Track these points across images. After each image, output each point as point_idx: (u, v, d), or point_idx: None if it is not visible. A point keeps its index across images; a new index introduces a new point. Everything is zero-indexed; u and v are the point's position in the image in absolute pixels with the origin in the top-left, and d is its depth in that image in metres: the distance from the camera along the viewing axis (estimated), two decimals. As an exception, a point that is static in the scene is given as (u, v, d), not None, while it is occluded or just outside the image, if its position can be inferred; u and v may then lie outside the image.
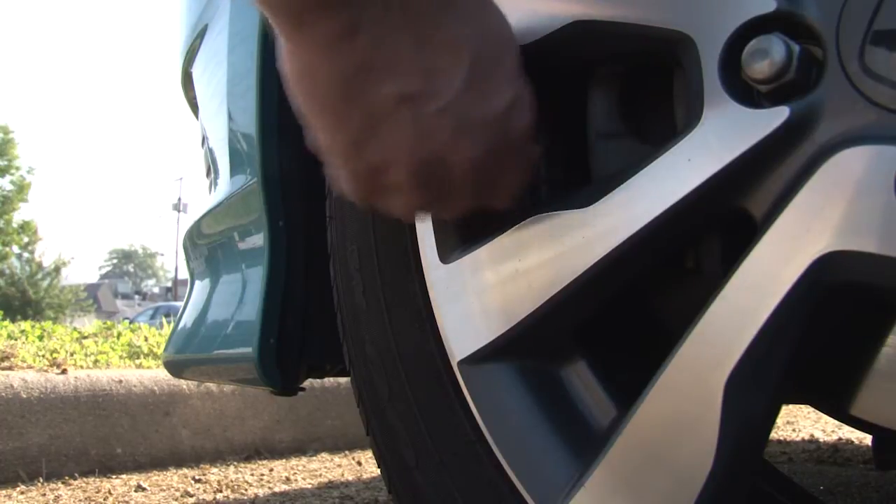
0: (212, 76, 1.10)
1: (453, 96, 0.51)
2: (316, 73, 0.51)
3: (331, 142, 0.53)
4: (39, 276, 28.62)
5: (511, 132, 0.54)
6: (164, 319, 5.29)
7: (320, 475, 1.89)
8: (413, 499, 0.71)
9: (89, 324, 4.98)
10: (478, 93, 0.52)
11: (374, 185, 0.54)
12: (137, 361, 2.54)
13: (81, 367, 2.18)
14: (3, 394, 1.74)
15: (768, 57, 0.47)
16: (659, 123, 0.60)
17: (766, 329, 0.48)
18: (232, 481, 1.75)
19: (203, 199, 1.23)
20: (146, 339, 3.09)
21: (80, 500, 1.54)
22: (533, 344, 0.61)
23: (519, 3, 0.58)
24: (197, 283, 1.24)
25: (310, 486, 1.75)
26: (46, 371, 1.92)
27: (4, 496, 1.56)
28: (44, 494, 1.57)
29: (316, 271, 0.87)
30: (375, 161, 0.52)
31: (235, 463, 2.00)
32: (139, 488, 1.65)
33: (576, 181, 0.64)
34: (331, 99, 0.51)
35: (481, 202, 0.57)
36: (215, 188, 1.14)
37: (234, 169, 1.02)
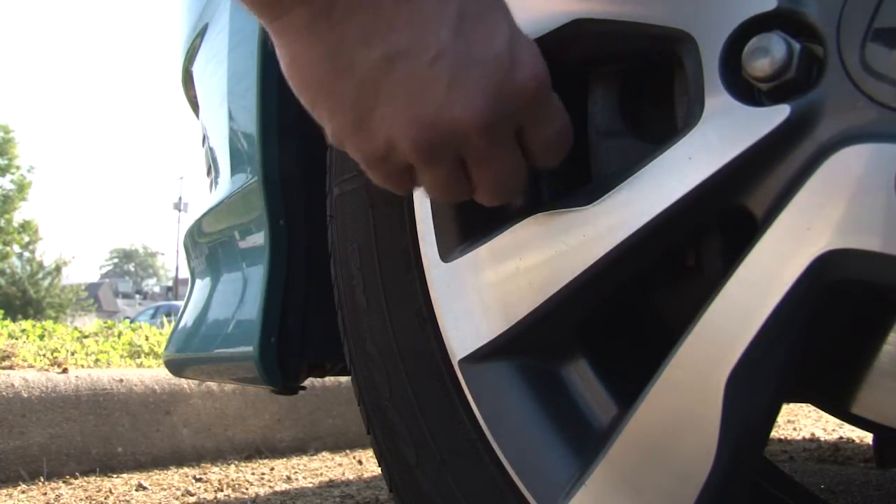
0: (212, 75, 1.10)
1: (445, 44, 0.48)
2: (303, 55, 0.49)
3: (335, 129, 0.51)
4: (40, 275, 28.61)
5: (518, 81, 0.51)
6: (164, 319, 5.30)
7: (321, 474, 1.89)
8: (414, 497, 0.71)
9: (90, 323, 4.99)
10: (471, 38, 0.49)
11: (388, 167, 0.52)
12: (138, 361, 2.55)
13: (82, 366, 2.18)
14: (4, 393, 1.74)
15: (769, 55, 0.47)
16: (659, 122, 0.60)
17: (767, 327, 0.48)
18: (233, 480, 1.75)
19: (204, 197, 1.23)
20: (147, 339, 3.09)
21: (81, 500, 1.54)
22: (534, 342, 0.61)
23: (519, 1, 0.58)
24: (198, 281, 1.24)
25: (311, 485, 1.75)
26: (47, 370, 1.92)
27: (5, 495, 1.56)
28: (45, 493, 1.58)
29: (317, 270, 0.87)
30: (381, 137, 0.50)
31: (236, 462, 2.00)
32: (140, 487, 1.66)
33: (576, 180, 0.64)
34: (322, 79, 0.49)
35: (508, 168, 0.53)
36: (216, 187, 1.14)
37: (235, 168, 1.03)
